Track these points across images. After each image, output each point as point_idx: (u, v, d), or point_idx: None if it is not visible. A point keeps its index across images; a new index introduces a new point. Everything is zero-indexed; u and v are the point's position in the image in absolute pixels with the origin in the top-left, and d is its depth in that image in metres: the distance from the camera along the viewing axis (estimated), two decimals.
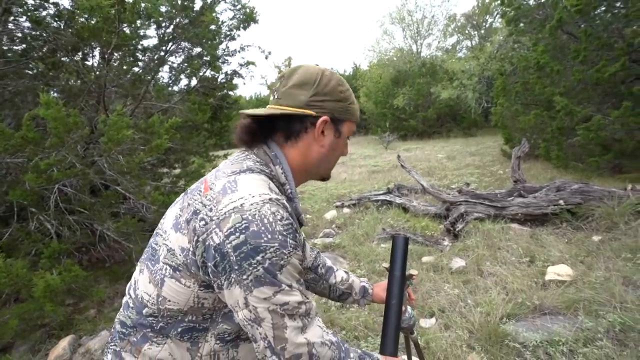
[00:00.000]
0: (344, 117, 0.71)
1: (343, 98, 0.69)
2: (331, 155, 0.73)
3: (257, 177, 0.63)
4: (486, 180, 5.82)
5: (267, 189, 0.61)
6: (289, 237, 0.56)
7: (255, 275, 0.54)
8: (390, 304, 0.93)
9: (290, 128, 0.68)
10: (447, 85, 13.38)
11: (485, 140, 11.06)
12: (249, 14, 3.37)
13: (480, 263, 2.85)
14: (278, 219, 0.56)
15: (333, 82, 0.68)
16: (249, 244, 0.53)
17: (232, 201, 0.57)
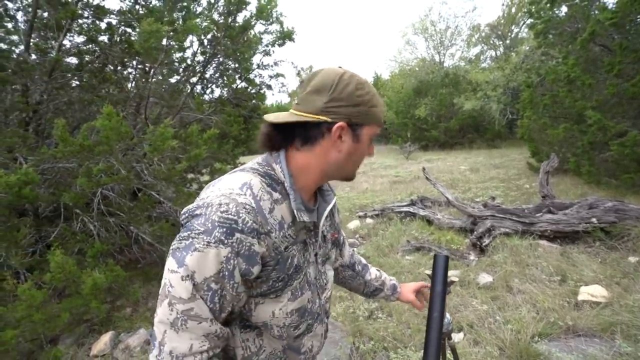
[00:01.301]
0: (363, 121, 0.68)
1: (362, 102, 0.66)
2: (349, 160, 0.70)
3: (240, 175, 0.64)
4: (512, 194, 5.70)
5: (239, 184, 0.61)
6: (218, 229, 0.54)
7: (176, 247, 0.56)
8: (432, 316, 1.00)
9: (307, 134, 0.67)
10: (470, 96, 13.21)
11: (510, 153, 10.81)
12: (288, 33, 3.52)
13: (509, 279, 2.82)
14: (221, 210, 0.56)
15: (351, 87, 0.65)
16: (187, 224, 0.57)
17: (205, 193, 0.62)
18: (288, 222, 0.65)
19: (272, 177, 0.66)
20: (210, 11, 3.93)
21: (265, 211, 0.60)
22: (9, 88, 2.70)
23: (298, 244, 0.69)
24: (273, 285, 0.65)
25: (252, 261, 0.58)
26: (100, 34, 3.66)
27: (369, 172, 9.31)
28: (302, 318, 0.72)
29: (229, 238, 0.55)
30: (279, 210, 0.64)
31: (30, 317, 1.95)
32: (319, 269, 0.79)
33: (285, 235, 0.64)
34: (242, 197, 0.58)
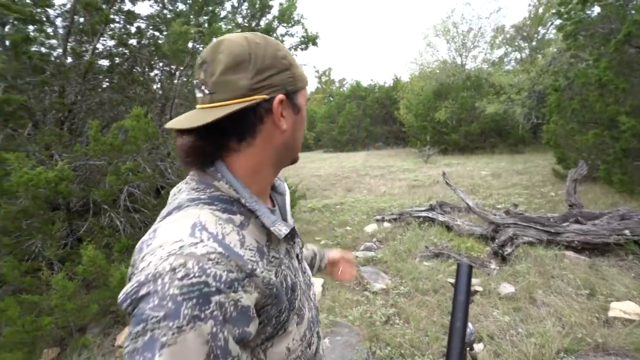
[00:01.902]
0: (297, 86, 0.57)
1: (289, 64, 0.55)
2: (296, 136, 0.60)
3: (182, 217, 0.48)
4: (536, 202, 5.51)
5: (186, 231, 0.45)
6: (185, 304, 0.39)
7: (132, 348, 0.39)
8: (455, 326, 0.98)
9: (241, 126, 0.53)
10: (493, 99, 12.86)
11: (534, 158, 10.45)
12: (312, 37, 3.56)
13: (532, 291, 2.73)
14: (178, 277, 0.40)
15: (270, 50, 0.53)
16: (136, 311, 0.40)
17: (143, 259, 0.44)
18: (264, 242, 0.52)
19: (222, 199, 0.52)
20: (234, 15, 4.02)
21: (236, 248, 0.46)
22: (47, 89, 2.86)
23: (284, 259, 0.57)
24: (278, 321, 0.53)
25: (245, 320, 0.44)
26: (130, 37, 3.82)
27: (387, 175, 9.23)
28: (312, 331, 0.63)
29: (205, 308, 0.40)
30: (250, 235, 0.51)
31: (62, 306, 2.05)
32: (303, 269, 0.68)
33: (270, 259, 0.52)
34: (199, 247, 0.43)
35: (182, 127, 0.51)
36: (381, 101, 19.62)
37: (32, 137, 2.81)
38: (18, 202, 2.39)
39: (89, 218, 3.25)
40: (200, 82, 0.53)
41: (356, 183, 8.29)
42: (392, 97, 18.90)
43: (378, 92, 20.01)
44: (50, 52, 3.32)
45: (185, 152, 0.54)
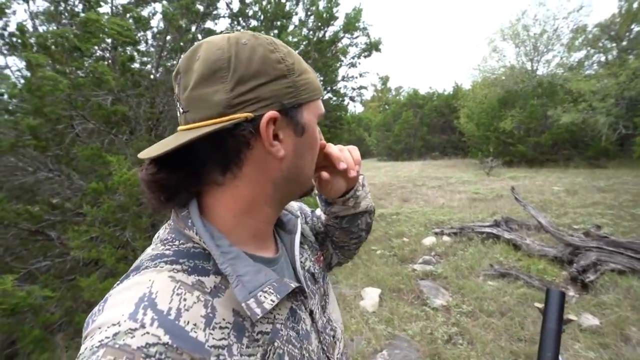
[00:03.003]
0: (302, 99, 0.42)
1: (288, 70, 0.41)
2: (302, 163, 0.45)
3: (132, 285, 0.36)
4: (625, 224, 4.83)
5: (129, 308, 0.33)
6: None
7: None
8: (545, 356, 0.93)
9: (222, 154, 0.41)
10: (569, 107, 11.59)
11: (621, 174, 9.16)
12: (375, 43, 3.62)
13: (623, 327, 2.40)
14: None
15: (260, 51, 0.40)
16: None
17: (83, 341, 0.34)
18: (246, 313, 0.38)
19: (192, 253, 0.40)
20: (300, 28, 4.23)
21: (195, 331, 0.34)
22: (142, 101, 3.29)
23: (282, 329, 0.43)
24: None
25: None
26: None
27: (445, 186, 8.82)
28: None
29: None
30: (227, 305, 0.38)
31: None
32: (319, 328, 0.51)
33: (254, 338, 0.39)
34: (138, 335, 0.31)
35: (143, 156, 0.41)
36: (440, 109, 18.88)
37: (129, 142, 3.25)
38: (117, 198, 2.78)
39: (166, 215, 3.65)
40: (175, 97, 0.43)
41: (412, 193, 8.06)
42: (452, 105, 18.07)
43: (436, 100, 19.30)
44: (143, 68, 3.83)
45: (147, 187, 0.42)
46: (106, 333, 0.31)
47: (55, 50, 2.45)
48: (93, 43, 2.39)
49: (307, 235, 0.63)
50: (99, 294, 2.41)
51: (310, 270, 0.56)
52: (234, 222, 0.43)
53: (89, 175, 2.95)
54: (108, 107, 2.75)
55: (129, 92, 3.28)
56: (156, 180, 0.41)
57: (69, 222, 2.94)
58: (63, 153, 3.08)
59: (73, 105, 2.56)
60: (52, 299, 2.23)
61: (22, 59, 2.85)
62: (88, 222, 2.55)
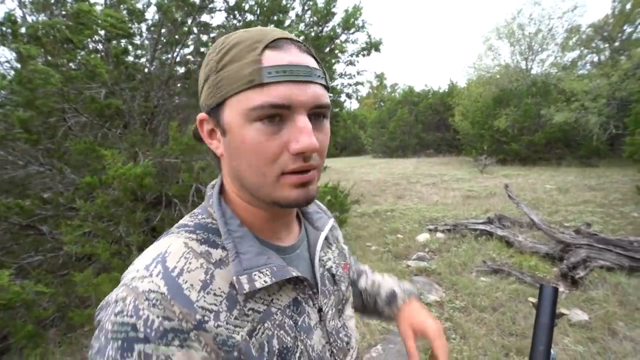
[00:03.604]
0: (218, 98, 0.41)
1: (209, 71, 0.42)
2: (235, 164, 0.43)
3: (158, 244, 0.43)
4: (614, 222, 4.92)
5: (148, 260, 0.40)
6: (111, 345, 0.34)
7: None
8: (537, 349, 0.95)
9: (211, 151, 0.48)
10: (562, 107, 11.72)
11: (611, 173, 9.32)
12: (375, 43, 3.61)
13: (611, 322, 2.46)
14: (115, 311, 0.36)
15: (207, 60, 0.44)
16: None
17: None
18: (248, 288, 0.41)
19: (208, 227, 0.45)
20: (298, 23, 4.20)
21: (190, 290, 0.38)
22: (136, 94, 3.25)
23: (277, 314, 0.44)
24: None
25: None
26: (203, 46, 4.19)
27: (439, 183, 8.88)
28: None
29: (127, 355, 0.34)
30: (226, 277, 0.41)
31: None
32: (329, 329, 0.52)
33: (245, 312, 0.41)
34: (145, 282, 0.37)
35: None
36: (435, 107, 18.94)
37: (123, 136, 3.21)
38: (111, 192, 2.75)
39: (162, 210, 3.62)
40: None
41: (407, 190, 8.10)
42: (447, 103, 18.14)
43: (432, 98, 19.35)
44: (137, 61, 3.78)
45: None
46: (128, 277, 0.39)
47: (47, 41, 2.40)
48: (85, 35, 2.35)
49: (339, 242, 0.65)
50: (94, 289, 2.39)
51: (332, 270, 0.57)
52: (239, 207, 0.47)
53: (82, 170, 2.92)
54: (101, 101, 2.71)
55: (123, 86, 3.23)
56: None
57: (62, 217, 2.91)
58: (55, 147, 3.04)
59: (65, 98, 2.51)
60: (45, 295, 2.20)
61: (12, 50, 2.79)
62: (81, 217, 2.52)
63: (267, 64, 0.39)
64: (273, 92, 0.38)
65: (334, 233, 0.63)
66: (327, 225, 0.58)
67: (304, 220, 0.57)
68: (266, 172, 0.41)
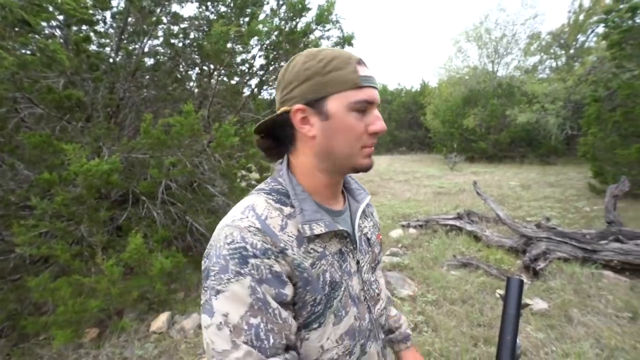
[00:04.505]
0: (322, 93, 0.57)
1: (313, 73, 0.57)
2: (333, 141, 0.59)
3: (243, 200, 0.60)
4: (570, 216, 5.29)
5: (240, 210, 0.57)
6: (231, 262, 0.50)
7: (203, 300, 0.52)
8: (504, 339, 0.99)
9: (284, 133, 0.63)
10: (525, 108, 12.42)
11: (567, 171, 10.02)
12: (347, 37, 3.60)
13: (567, 309, 2.64)
14: (227, 242, 0.52)
15: (297, 65, 0.59)
16: (205, 269, 0.54)
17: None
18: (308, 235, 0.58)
19: (279, 191, 0.61)
20: (272, 17, 4.12)
21: (274, 229, 0.55)
22: (99, 85, 3.05)
23: (329, 256, 0.60)
24: (312, 311, 0.57)
25: (279, 283, 0.52)
26: (173, 37, 4.00)
27: (411, 180, 9.12)
28: (354, 340, 0.63)
29: (244, 267, 0.50)
30: (294, 225, 0.58)
31: (108, 290, 2.19)
32: (364, 278, 0.68)
33: (308, 250, 0.57)
34: (244, 221, 0.54)
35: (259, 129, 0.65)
36: (407, 106, 19.40)
37: (85, 130, 3.00)
38: (72, 189, 2.56)
39: (128, 208, 3.43)
40: None
41: (380, 187, 8.25)
42: (419, 102, 18.64)
43: (404, 97, 19.80)
44: (100, 50, 3.54)
45: (260, 149, 0.68)
46: (227, 220, 0.56)
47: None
48: (43, 18, 2.15)
49: (374, 216, 0.82)
50: (50, 295, 2.21)
51: (368, 235, 0.74)
52: (303, 178, 0.63)
53: (37, 165, 2.69)
54: (60, 91, 2.51)
55: (85, 76, 3.01)
56: (258, 144, 0.66)
57: (13, 217, 2.67)
58: (5, 140, 2.78)
59: (18, 86, 2.30)
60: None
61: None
62: (37, 216, 2.33)
63: (361, 74, 0.58)
64: (366, 93, 0.58)
65: (369, 209, 0.80)
66: (366, 199, 0.74)
67: (347, 194, 0.73)
68: (354, 146, 0.59)
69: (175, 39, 4.04)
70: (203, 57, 3.28)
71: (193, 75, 4.62)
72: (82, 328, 2.45)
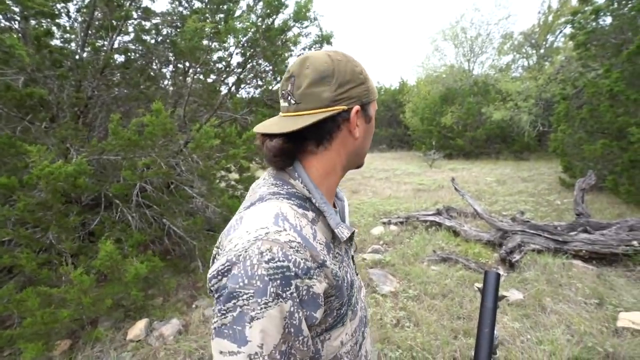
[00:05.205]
0: (370, 98, 0.62)
1: (365, 78, 0.61)
2: (365, 143, 0.66)
3: (265, 207, 0.54)
4: (542, 209, 5.52)
5: (270, 219, 0.51)
6: (271, 284, 0.45)
7: (221, 324, 0.46)
8: (483, 332, 1.01)
9: (321, 132, 0.59)
10: (499, 106, 12.85)
11: (539, 166, 10.45)
12: (326, 36, 3.58)
13: (541, 298, 2.74)
14: (265, 260, 0.46)
15: (350, 66, 0.59)
16: (226, 289, 0.46)
17: (230, 241, 0.51)
18: (330, 239, 0.58)
19: (297, 196, 0.58)
20: (248, 14, 4.04)
21: (311, 240, 0.52)
22: (64, 83, 2.89)
23: (344, 257, 0.62)
24: (338, 314, 0.57)
25: (315, 306, 0.50)
26: (145, 33, 3.85)
27: (392, 178, 9.23)
28: (360, 330, 0.66)
29: (287, 289, 0.46)
30: (320, 231, 0.56)
31: (79, 300, 2.08)
32: (355, 271, 0.71)
33: (335, 255, 0.57)
34: (283, 235, 0.49)
35: (273, 132, 0.58)
36: (387, 104, 19.63)
37: (50, 131, 2.84)
38: (36, 194, 2.42)
39: (101, 212, 3.28)
40: (287, 93, 0.60)
41: (361, 185, 8.31)
42: (398, 100, 18.91)
43: (384, 95, 20.02)
44: (66, 46, 3.35)
45: (273, 153, 0.59)
46: (257, 233, 0.48)
47: None
48: None
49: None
50: (16, 306, 2.08)
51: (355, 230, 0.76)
52: (319, 181, 0.61)
53: None
54: (20, 89, 2.36)
55: (48, 73, 2.84)
56: (279, 148, 0.58)
57: None
58: None
59: None
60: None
61: None
62: None
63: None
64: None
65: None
66: (345, 198, 0.77)
67: None
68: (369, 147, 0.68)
69: (147, 35, 3.89)
70: (177, 55, 3.17)
71: (167, 73, 4.48)
72: (52, 340, 2.32)
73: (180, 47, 2.96)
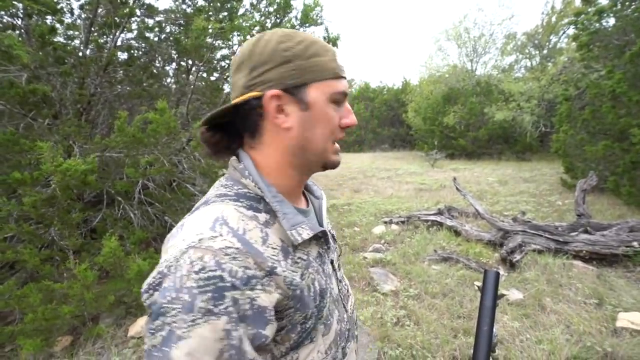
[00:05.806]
0: (303, 79, 0.50)
1: (293, 56, 0.50)
2: (309, 134, 0.53)
3: (206, 211, 0.48)
4: (543, 210, 5.51)
5: (208, 224, 0.45)
6: (200, 297, 0.38)
7: (151, 345, 0.39)
8: (482, 330, 1.02)
9: (247, 123, 0.53)
10: (502, 106, 12.82)
11: (541, 167, 10.43)
12: (333, 39, 3.58)
13: (541, 298, 2.75)
14: (194, 270, 0.40)
15: (272, 44, 0.50)
16: (156, 304, 0.40)
17: (166, 251, 0.45)
18: (290, 242, 0.50)
19: (248, 196, 0.52)
20: (252, 12, 4.05)
21: (257, 244, 0.45)
22: (68, 80, 2.90)
23: (313, 262, 0.54)
24: (303, 329, 0.49)
25: (261, 322, 0.42)
26: (148, 31, 3.86)
27: (393, 177, 9.24)
28: (337, 346, 0.57)
29: (219, 304, 0.39)
30: (275, 234, 0.49)
31: (81, 296, 2.10)
32: (338, 277, 0.64)
33: (295, 260, 0.50)
34: (217, 241, 0.42)
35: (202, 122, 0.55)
36: (389, 103, 19.61)
37: (53, 128, 2.85)
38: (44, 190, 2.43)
39: (103, 209, 3.30)
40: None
41: (363, 184, 8.31)
42: (401, 99, 18.89)
43: (387, 94, 20.00)
44: (69, 42, 3.37)
45: (205, 144, 0.57)
46: (191, 239, 0.43)
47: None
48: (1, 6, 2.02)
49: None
50: (17, 302, 2.10)
51: (331, 232, 0.69)
52: (272, 177, 0.54)
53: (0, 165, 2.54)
54: (23, 86, 2.37)
55: (51, 70, 2.86)
56: (205, 139, 0.56)
57: None
58: None
59: None
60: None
61: None
62: (1, 219, 2.19)
63: (339, 63, 0.54)
64: (343, 84, 0.54)
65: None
66: (323, 195, 0.70)
67: (305, 190, 0.67)
68: (328, 139, 0.54)
69: (150, 33, 3.90)
70: (181, 53, 3.19)
71: (170, 71, 4.49)
72: (53, 336, 2.34)
73: (184, 45, 2.97)
